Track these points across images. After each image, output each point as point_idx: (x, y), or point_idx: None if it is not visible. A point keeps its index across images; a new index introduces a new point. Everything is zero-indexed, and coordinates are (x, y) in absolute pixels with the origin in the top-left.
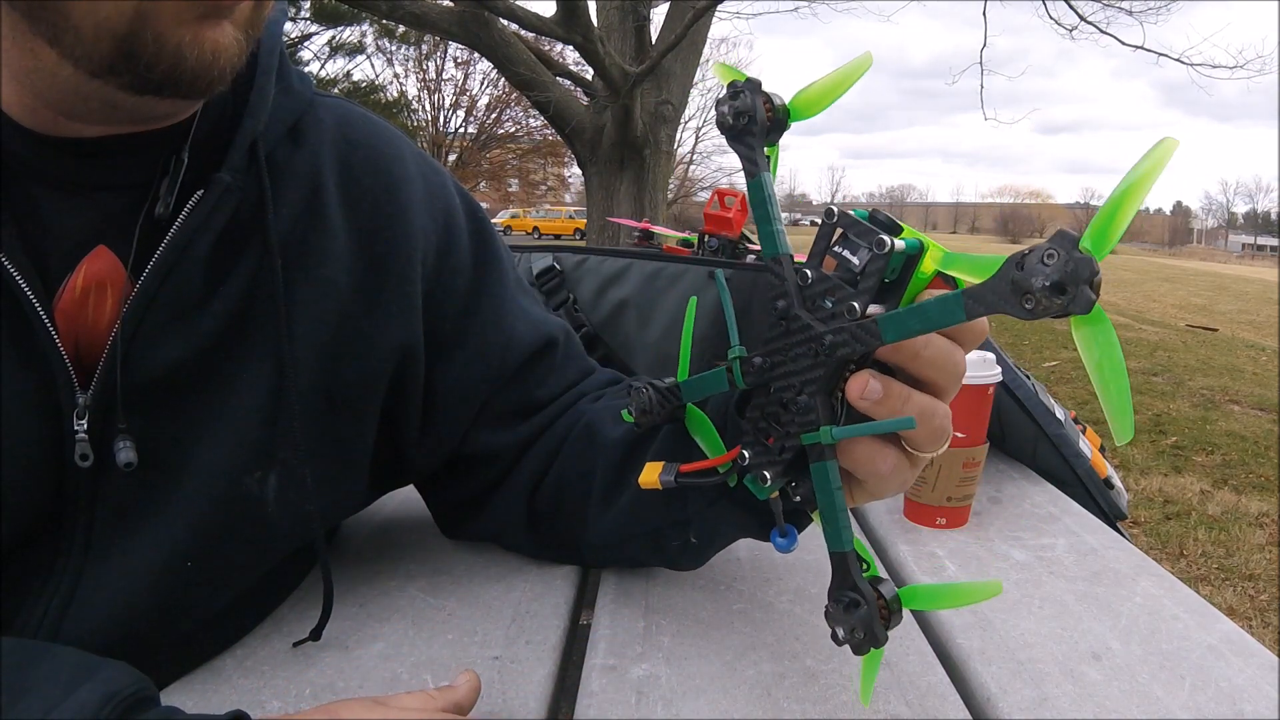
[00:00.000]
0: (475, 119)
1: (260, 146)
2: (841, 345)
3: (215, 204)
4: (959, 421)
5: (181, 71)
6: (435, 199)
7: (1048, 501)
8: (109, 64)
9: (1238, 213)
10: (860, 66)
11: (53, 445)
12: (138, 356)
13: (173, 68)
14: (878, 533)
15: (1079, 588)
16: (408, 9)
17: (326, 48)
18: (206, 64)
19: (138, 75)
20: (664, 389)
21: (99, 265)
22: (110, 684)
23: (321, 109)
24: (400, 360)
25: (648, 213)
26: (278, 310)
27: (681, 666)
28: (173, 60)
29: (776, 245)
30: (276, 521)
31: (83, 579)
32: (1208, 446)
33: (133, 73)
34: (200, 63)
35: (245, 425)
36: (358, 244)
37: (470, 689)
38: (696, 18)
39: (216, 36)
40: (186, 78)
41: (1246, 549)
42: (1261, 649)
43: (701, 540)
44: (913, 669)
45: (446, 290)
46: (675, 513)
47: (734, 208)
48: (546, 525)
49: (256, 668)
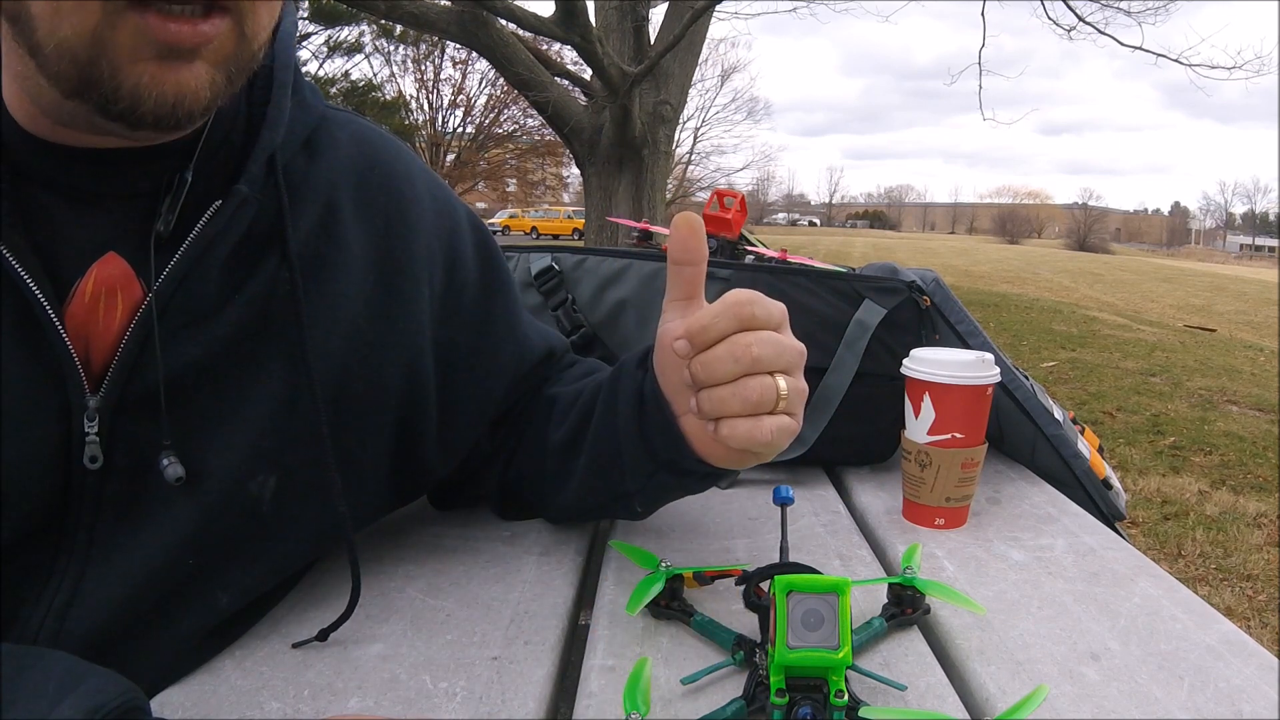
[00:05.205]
0: (473, 119)
1: (278, 159)
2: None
3: (233, 214)
4: (959, 422)
5: (142, 112)
6: (442, 217)
7: (1046, 502)
8: (76, 88)
9: (1236, 213)
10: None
11: (61, 446)
12: (149, 362)
13: (131, 107)
14: (876, 533)
15: (1078, 588)
16: (406, 9)
17: (324, 47)
18: (167, 108)
19: (100, 104)
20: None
21: (109, 271)
22: (96, 696)
23: (334, 123)
24: (408, 374)
25: (646, 213)
26: (295, 321)
27: (681, 667)
28: (130, 100)
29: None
30: (276, 525)
31: (85, 578)
32: (1206, 447)
33: (96, 101)
34: (160, 105)
35: (255, 432)
36: (370, 259)
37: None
38: (695, 18)
39: (180, 79)
40: (148, 118)
41: (1245, 549)
42: (1260, 649)
43: (647, 508)
44: (912, 669)
45: (455, 306)
46: (619, 489)
47: (733, 208)
48: (513, 499)
49: (255, 668)
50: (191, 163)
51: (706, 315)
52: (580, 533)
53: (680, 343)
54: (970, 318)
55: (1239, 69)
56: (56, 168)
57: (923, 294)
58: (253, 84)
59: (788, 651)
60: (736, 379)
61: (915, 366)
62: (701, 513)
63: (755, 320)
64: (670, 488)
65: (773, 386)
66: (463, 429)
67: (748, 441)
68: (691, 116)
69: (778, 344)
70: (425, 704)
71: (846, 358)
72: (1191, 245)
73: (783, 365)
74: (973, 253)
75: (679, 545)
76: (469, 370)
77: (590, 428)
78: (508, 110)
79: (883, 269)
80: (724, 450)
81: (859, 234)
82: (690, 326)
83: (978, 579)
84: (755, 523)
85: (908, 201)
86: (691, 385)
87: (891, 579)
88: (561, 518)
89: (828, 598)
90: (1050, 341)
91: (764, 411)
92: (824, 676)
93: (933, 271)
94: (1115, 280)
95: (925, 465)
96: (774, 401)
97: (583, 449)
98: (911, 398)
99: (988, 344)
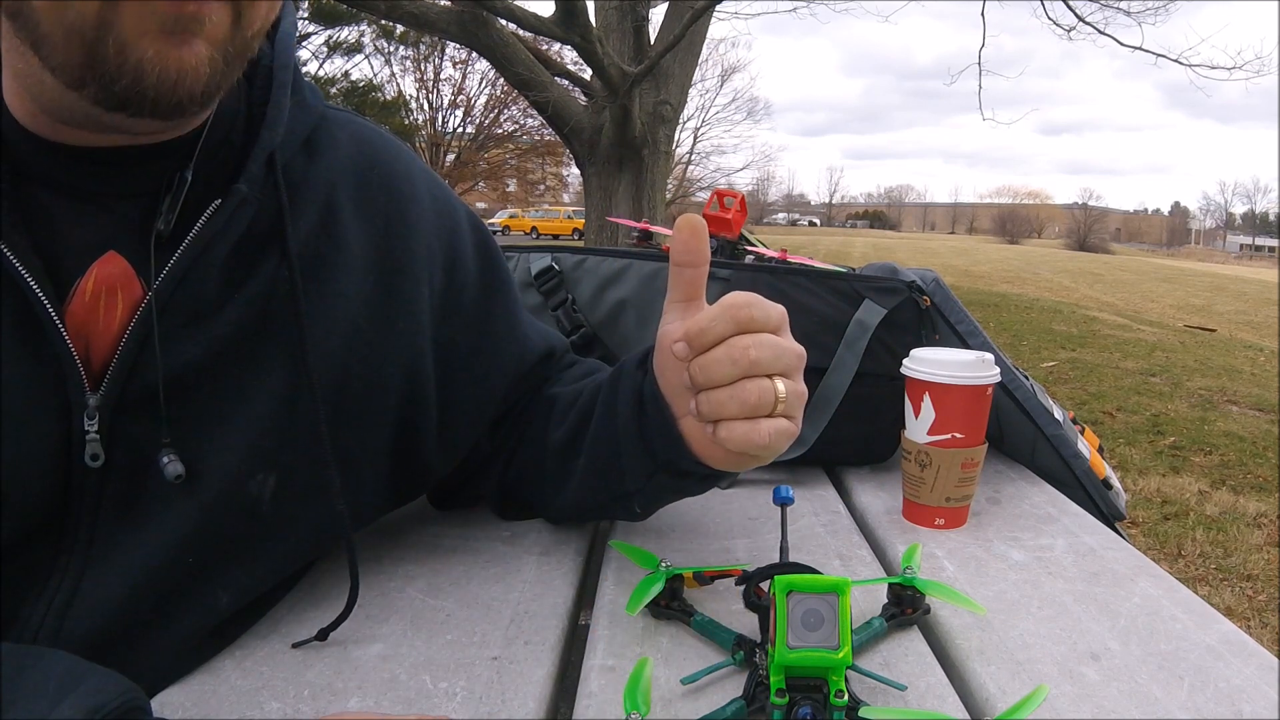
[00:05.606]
0: (473, 119)
1: (277, 159)
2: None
3: (232, 214)
4: (958, 422)
5: (143, 89)
6: (442, 217)
7: (1046, 502)
8: (79, 75)
9: (1235, 213)
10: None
11: (61, 445)
12: (149, 360)
13: (134, 84)
14: (876, 533)
15: (1078, 588)
16: (406, 9)
17: (324, 47)
18: (169, 84)
19: (102, 89)
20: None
21: (109, 270)
22: (96, 695)
23: (334, 123)
24: (407, 374)
25: (646, 213)
26: (294, 320)
27: (681, 667)
28: (133, 76)
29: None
30: (275, 524)
31: (85, 577)
32: (1206, 447)
33: (98, 84)
34: (162, 82)
35: (254, 431)
36: (369, 259)
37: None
38: (695, 18)
39: (182, 55)
40: (149, 96)
41: (1244, 549)
42: (1260, 649)
43: (646, 509)
44: (912, 669)
45: (455, 306)
46: (618, 489)
47: (733, 208)
48: (512, 499)
49: (255, 668)
50: (192, 162)
51: (705, 318)
52: (580, 533)
53: (679, 345)
54: (970, 318)
55: (1239, 69)
56: (57, 167)
57: (923, 294)
58: (252, 83)
59: (788, 651)
60: (735, 382)
61: (915, 366)
62: (701, 513)
63: (754, 323)
64: (669, 489)
65: (770, 389)
66: (462, 429)
67: (745, 444)
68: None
69: (776, 347)
70: (425, 704)
71: (846, 358)
72: (1191, 245)
73: (781, 368)
74: (973, 253)
75: (679, 545)
76: (469, 370)
77: (590, 428)
78: (508, 110)
79: (883, 269)
80: (723, 452)
81: (859, 234)
82: (689, 329)
83: (978, 579)
84: (755, 523)
85: (908, 201)
86: (691, 387)
87: (891, 579)
88: (561, 518)
89: (828, 598)
90: (1050, 341)
91: (762, 414)
92: (824, 676)
93: (933, 271)
94: (1115, 280)
95: (925, 465)
96: (772, 404)
97: (582, 449)
98: (911, 398)
99: (988, 344)
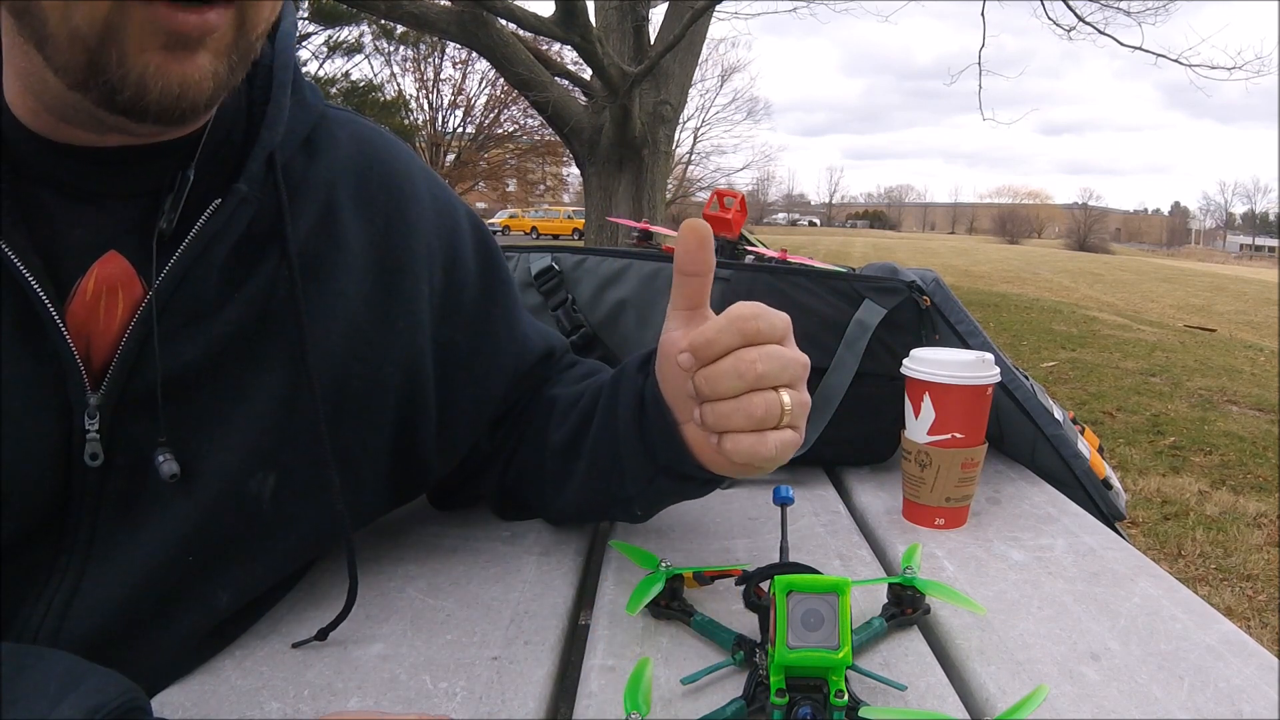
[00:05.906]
0: (473, 119)
1: (277, 158)
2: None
3: (232, 213)
4: (958, 422)
5: (146, 102)
6: (442, 216)
7: (1046, 502)
8: (83, 78)
9: (1235, 213)
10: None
11: (61, 444)
12: (149, 360)
13: (137, 96)
14: (876, 533)
15: (1078, 588)
16: (406, 9)
17: (324, 47)
18: (172, 98)
19: (105, 95)
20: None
21: (110, 270)
22: (96, 695)
23: (334, 122)
24: (407, 373)
25: (646, 213)
26: (294, 320)
27: (681, 667)
28: (136, 89)
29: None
30: (275, 523)
31: (85, 576)
32: (1206, 447)
33: (101, 90)
34: (165, 95)
35: (254, 430)
36: (369, 258)
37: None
38: (695, 18)
39: (185, 70)
40: (153, 108)
41: (1244, 549)
42: (1260, 649)
43: (647, 511)
44: (912, 669)
45: (455, 305)
46: (618, 492)
47: (733, 208)
48: (512, 500)
49: (255, 668)
50: (193, 162)
51: (711, 329)
52: (580, 533)
53: (684, 356)
54: (970, 318)
55: (1239, 69)
56: (59, 166)
57: (923, 294)
58: (253, 83)
59: (788, 651)
60: (740, 395)
61: (915, 366)
62: (701, 513)
63: (760, 335)
64: (670, 492)
65: (777, 402)
66: (462, 428)
67: (751, 456)
68: (691, 116)
69: (782, 358)
70: (425, 704)
71: (846, 358)
72: (1191, 245)
73: (787, 379)
74: (973, 253)
75: (679, 545)
76: (468, 369)
77: (590, 430)
78: (508, 110)
79: (883, 269)
80: (726, 461)
81: (859, 234)
82: (694, 340)
83: (978, 579)
84: (755, 523)
85: (908, 201)
86: (694, 396)
87: (891, 579)
88: (561, 519)
89: (828, 598)
90: (1050, 341)
91: (768, 427)
92: (824, 676)
93: (933, 271)
94: (1115, 280)
95: (925, 465)
96: (778, 417)
97: (582, 451)
98: (911, 398)
99: (988, 344)
